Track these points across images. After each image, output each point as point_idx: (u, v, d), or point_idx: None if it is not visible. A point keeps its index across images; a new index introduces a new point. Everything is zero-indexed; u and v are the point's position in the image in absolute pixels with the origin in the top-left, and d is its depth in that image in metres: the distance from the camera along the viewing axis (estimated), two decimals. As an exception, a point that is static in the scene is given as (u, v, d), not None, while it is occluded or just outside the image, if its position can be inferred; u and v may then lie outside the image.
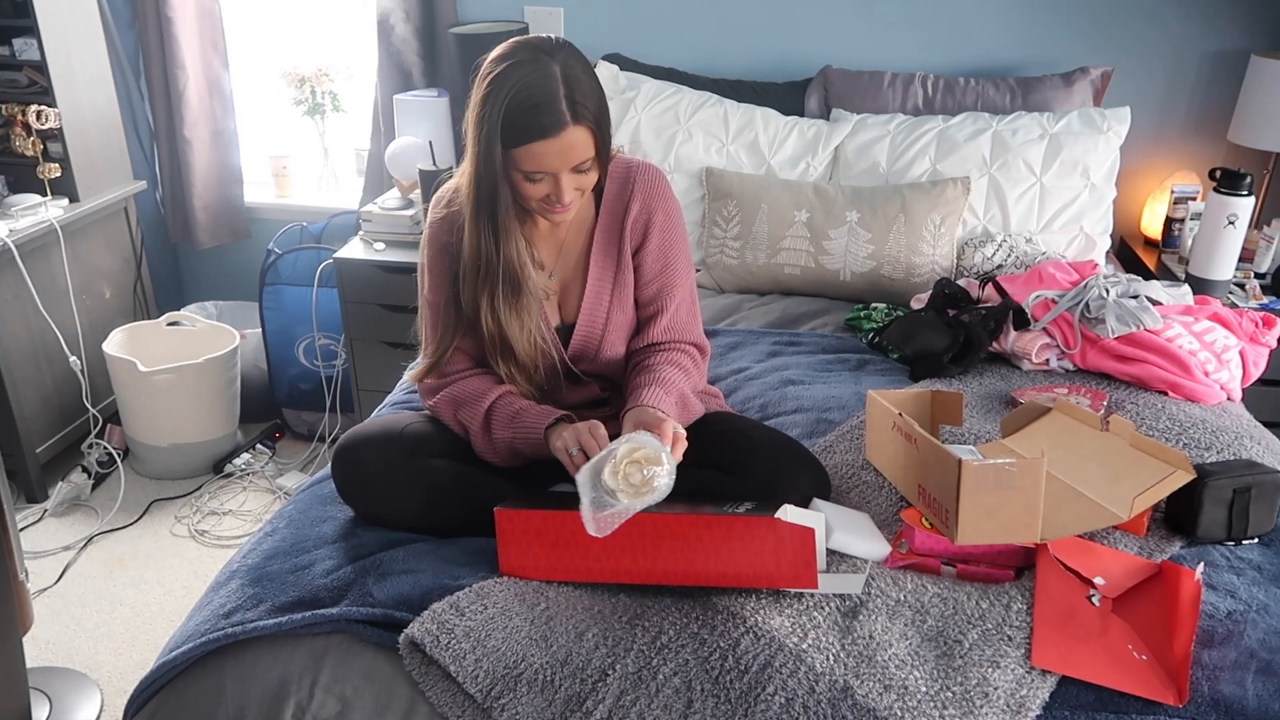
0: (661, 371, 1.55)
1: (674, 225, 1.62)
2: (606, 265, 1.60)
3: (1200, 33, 2.67)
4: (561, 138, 1.38)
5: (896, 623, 1.29)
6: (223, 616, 1.33)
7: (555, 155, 1.39)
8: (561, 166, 1.40)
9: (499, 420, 1.53)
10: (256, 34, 3.31)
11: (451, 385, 1.59)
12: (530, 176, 1.42)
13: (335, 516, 1.54)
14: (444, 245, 1.57)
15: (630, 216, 1.59)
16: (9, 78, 2.71)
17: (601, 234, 1.60)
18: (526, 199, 1.46)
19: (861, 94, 2.70)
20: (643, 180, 1.60)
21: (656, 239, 1.60)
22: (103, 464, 2.86)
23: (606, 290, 1.60)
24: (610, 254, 1.60)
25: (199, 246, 3.29)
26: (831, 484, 1.60)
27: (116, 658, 2.18)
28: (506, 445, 1.52)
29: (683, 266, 1.64)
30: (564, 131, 1.37)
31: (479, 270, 1.51)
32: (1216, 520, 1.47)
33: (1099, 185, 2.50)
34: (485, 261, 1.50)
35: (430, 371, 1.60)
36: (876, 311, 2.35)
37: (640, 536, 1.30)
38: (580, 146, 1.40)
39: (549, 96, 1.36)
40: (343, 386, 2.98)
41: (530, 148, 1.38)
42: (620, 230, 1.60)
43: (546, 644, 1.23)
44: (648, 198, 1.59)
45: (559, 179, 1.42)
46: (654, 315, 1.62)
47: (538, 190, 1.44)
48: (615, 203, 1.60)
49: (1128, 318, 1.98)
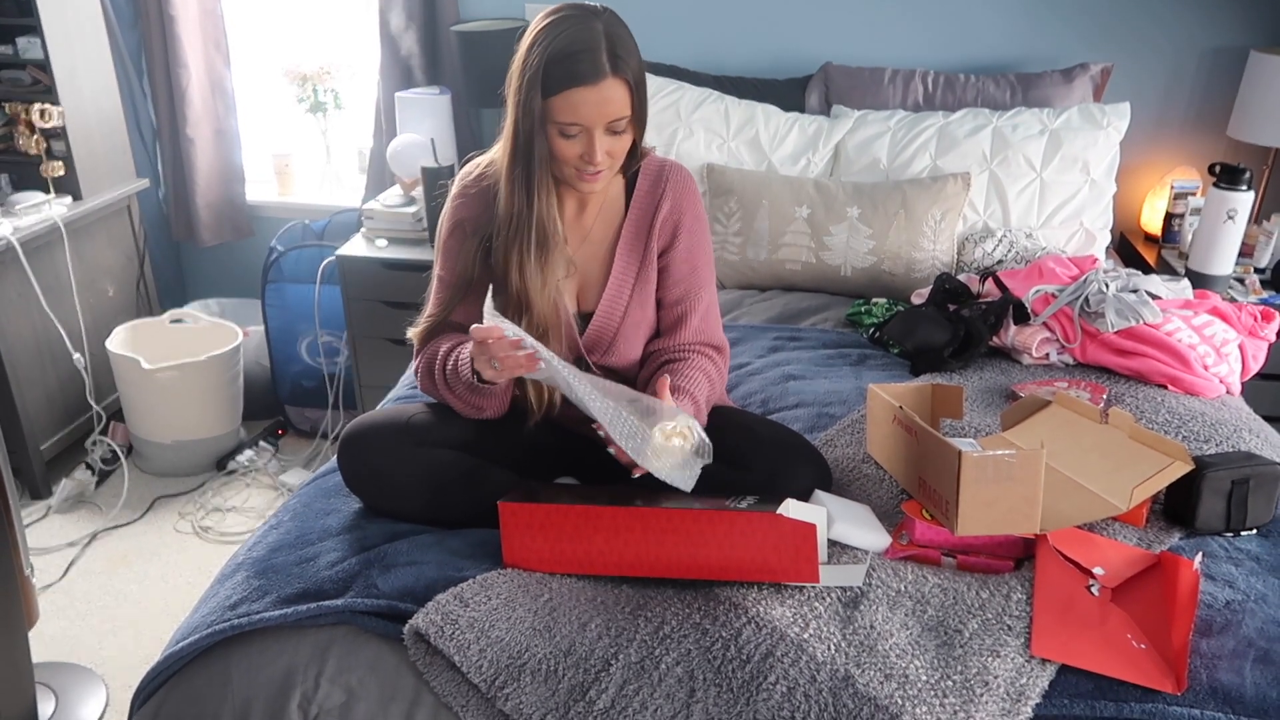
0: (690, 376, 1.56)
1: (702, 228, 1.66)
2: (631, 259, 1.62)
3: (1200, 28, 2.68)
4: (599, 88, 1.40)
5: (897, 613, 1.30)
6: (229, 608, 1.34)
7: (592, 106, 1.40)
8: (597, 120, 1.42)
9: (441, 364, 1.54)
10: (258, 32, 3.32)
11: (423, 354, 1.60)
12: (565, 131, 1.43)
13: (340, 509, 1.55)
14: (460, 222, 1.58)
15: (661, 215, 1.61)
16: (13, 76, 2.72)
17: (630, 227, 1.62)
18: (561, 161, 1.47)
19: (862, 90, 2.71)
20: (675, 180, 1.62)
21: (685, 240, 1.63)
22: (106, 461, 2.87)
23: (629, 283, 1.61)
24: (636, 249, 1.62)
25: (202, 244, 3.30)
26: (833, 477, 1.61)
27: (121, 653, 2.19)
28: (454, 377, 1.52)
29: (709, 269, 1.67)
30: (602, 82, 1.39)
31: (510, 225, 1.51)
32: (1215, 511, 1.48)
33: (1099, 181, 2.51)
34: (517, 214, 1.50)
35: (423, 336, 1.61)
36: (877, 307, 2.35)
37: (643, 530, 1.32)
38: (617, 102, 1.42)
39: (591, 46, 1.39)
40: (345, 383, 2.99)
41: (568, 95, 1.40)
42: (649, 227, 1.62)
43: (550, 634, 1.24)
44: (678, 198, 1.62)
45: (593, 137, 1.43)
46: (682, 316, 1.64)
47: (572, 149, 1.45)
48: (647, 198, 1.62)
49: (1127, 312, 1.98)
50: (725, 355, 1.69)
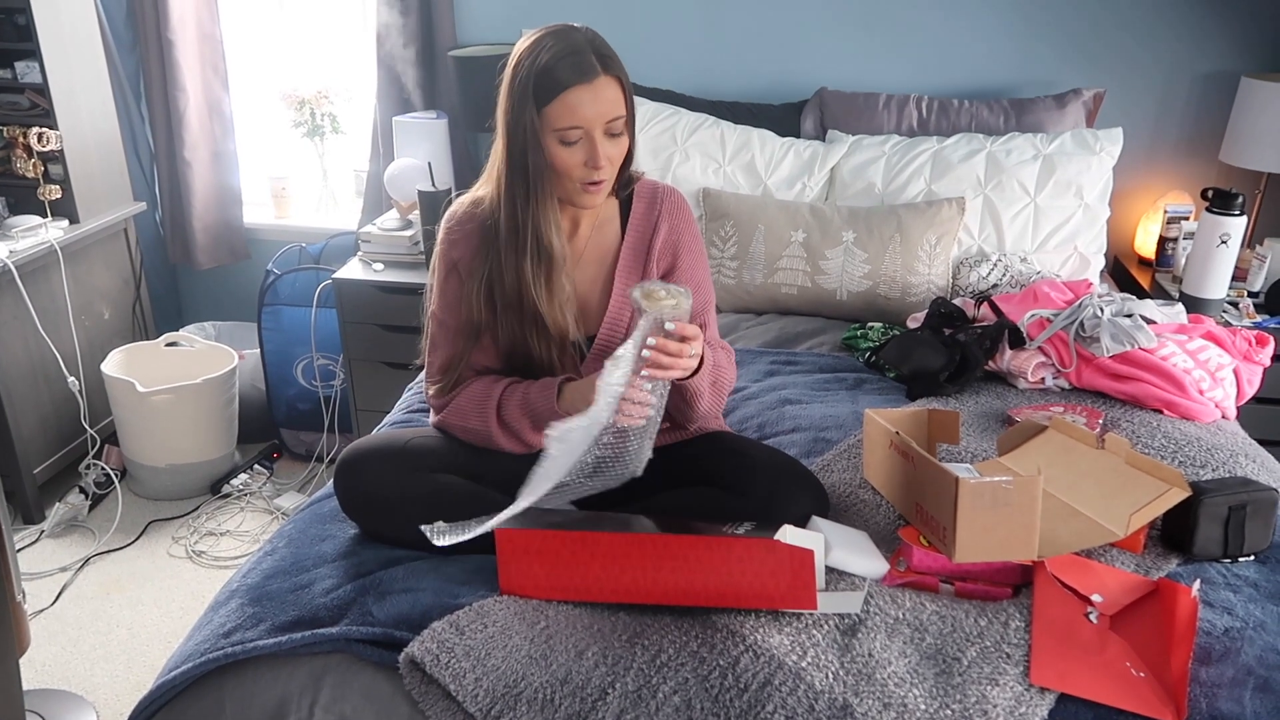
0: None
1: (700, 246, 1.69)
2: (631, 281, 1.63)
3: (1191, 55, 2.70)
4: (595, 85, 1.41)
5: (895, 640, 1.29)
6: (222, 636, 1.33)
7: (590, 105, 1.42)
8: (596, 120, 1.43)
9: (511, 406, 1.54)
10: (256, 57, 3.34)
11: (458, 395, 1.60)
12: (565, 137, 1.44)
13: (335, 535, 1.54)
14: (454, 264, 1.58)
15: (660, 238, 1.63)
16: (10, 100, 2.73)
17: (629, 249, 1.63)
18: (563, 174, 1.47)
19: (857, 115, 2.73)
20: (670, 202, 1.65)
21: (687, 259, 1.65)
22: (100, 485, 2.86)
23: (630, 305, 1.62)
24: (635, 270, 1.63)
25: (198, 267, 3.30)
26: (830, 503, 1.61)
27: (113, 679, 2.17)
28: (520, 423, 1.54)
29: (710, 286, 1.72)
30: (597, 80, 1.41)
31: (514, 242, 1.52)
32: (1212, 537, 1.48)
33: (1092, 205, 2.52)
34: (520, 230, 1.51)
35: (442, 392, 1.61)
36: (873, 331, 2.36)
37: (640, 556, 1.31)
38: (613, 100, 1.44)
39: (579, 49, 1.41)
40: (341, 407, 2.98)
41: (565, 98, 1.41)
42: (648, 248, 1.63)
43: (546, 662, 1.23)
44: (675, 220, 1.64)
45: (594, 140, 1.44)
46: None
47: (574, 157, 1.45)
48: (643, 221, 1.63)
49: (1122, 336, 1.99)
50: (734, 361, 1.71)
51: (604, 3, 2.89)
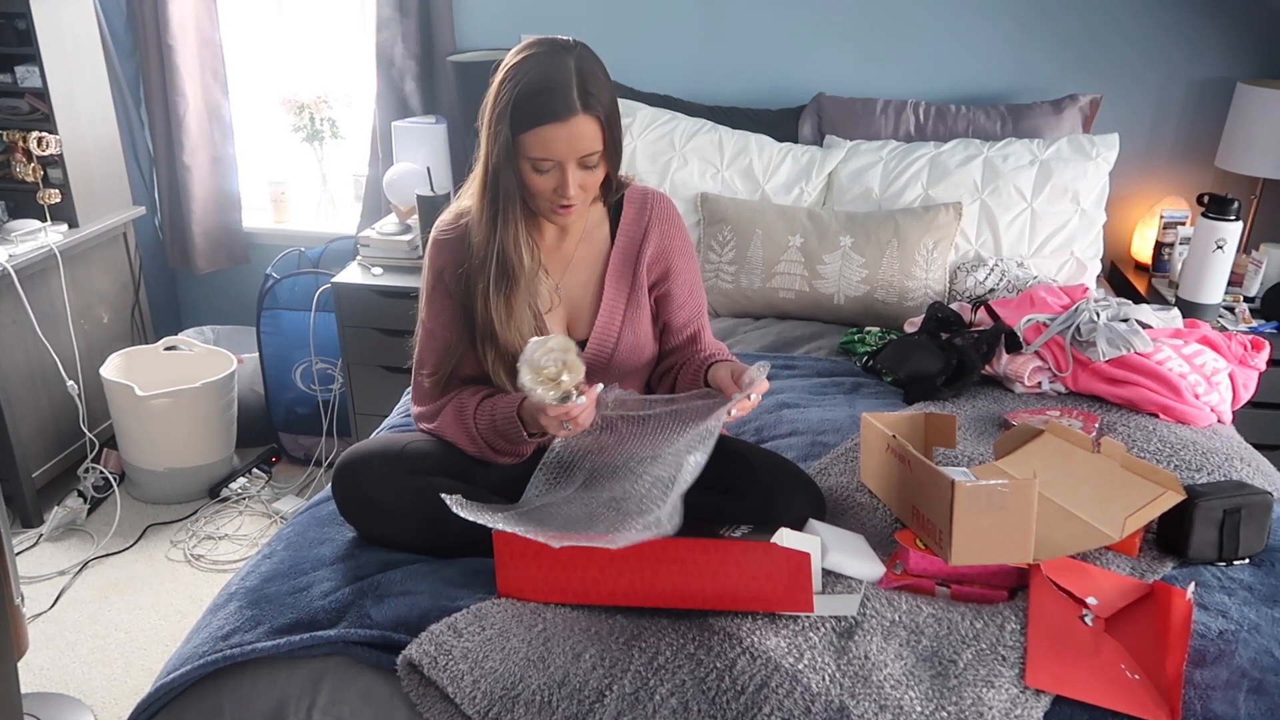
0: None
1: (691, 251, 1.70)
2: (621, 286, 1.63)
3: (1187, 61, 2.71)
4: (570, 124, 1.40)
5: (891, 643, 1.30)
6: (221, 638, 1.33)
7: (563, 142, 1.41)
8: (569, 155, 1.43)
9: (483, 427, 1.55)
10: (256, 61, 3.34)
11: (444, 409, 1.61)
12: (538, 166, 1.44)
13: (333, 538, 1.55)
14: (440, 271, 1.59)
15: (650, 244, 1.63)
16: (10, 105, 2.73)
17: (619, 256, 1.63)
18: (534, 195, 1.48)
19: (854, 121, 2.74)
20: (660, 209, 1.65)
21: (680, 265, 1.66)
22: (99, 488, 2.86)
23: (620, 310, 1.63)
24: (625, 276, 1.64)
25: (197, 271, 3.30)
26: (827, 506, 1.61)
27: (111, 683, 2.17)
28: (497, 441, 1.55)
29: (702, 290, 1.73)
30: (573, 119, 1.40)
31: (477, 256, 1.53)
32: (1207, 541, 1.49)
33: (1089, 210, 2.53)
34: (484, 246, 1.52)
35: (432, 399, 1.62)
36: (870, 335, 2.37)
37: (638, 559, 1.31)
38: (588, 137, 1.43)
39: (561, 83, 1.39)
40: (339, 411, 2.99)
41: (539, 132, 1.40)
42: (637, 255, 1.64)
43: (544, 665, 1.24)
44: (665, 226, 1.65)
45: (565, 172, 1.44)
46: (696, 334, 1.70)
47: (545, 183, 1.46)
48: (633, 227, 1.64)
49: (1118, 341, 2.00)
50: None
51: (603, 8, 2.90)
